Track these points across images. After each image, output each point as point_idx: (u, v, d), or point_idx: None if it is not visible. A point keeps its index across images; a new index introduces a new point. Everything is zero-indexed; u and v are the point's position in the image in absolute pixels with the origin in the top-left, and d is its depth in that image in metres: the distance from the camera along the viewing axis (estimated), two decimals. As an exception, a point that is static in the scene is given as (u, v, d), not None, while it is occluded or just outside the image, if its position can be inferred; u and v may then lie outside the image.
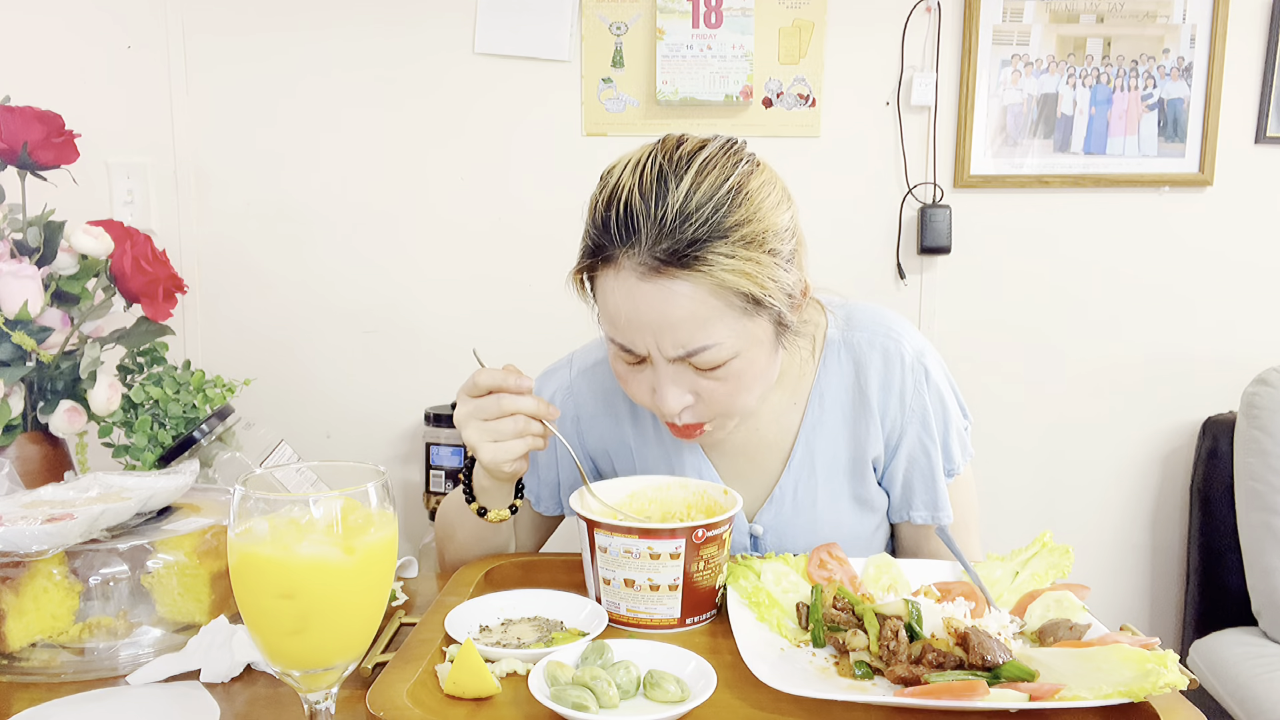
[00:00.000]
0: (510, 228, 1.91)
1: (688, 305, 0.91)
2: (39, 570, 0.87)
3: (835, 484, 1.11)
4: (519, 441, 0.98)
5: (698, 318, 0.91)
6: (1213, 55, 1.84)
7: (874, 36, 1.86)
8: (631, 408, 1.15)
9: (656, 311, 0.91)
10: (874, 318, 1.11)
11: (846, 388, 1.10)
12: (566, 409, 1.16)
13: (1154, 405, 1.97)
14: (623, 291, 0.93)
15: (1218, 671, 1.69)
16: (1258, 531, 1.74)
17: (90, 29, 1.83)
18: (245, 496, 0.64)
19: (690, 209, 0.90)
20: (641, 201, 0.91)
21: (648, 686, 0.78)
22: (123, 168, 1.86)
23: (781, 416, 1.11)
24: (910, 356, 1.09)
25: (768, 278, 0.93)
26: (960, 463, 1.13)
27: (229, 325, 1.93)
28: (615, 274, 0.93)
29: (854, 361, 1.09)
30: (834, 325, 1.11)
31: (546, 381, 1.19)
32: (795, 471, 1.11)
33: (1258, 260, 1.92)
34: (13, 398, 1.20)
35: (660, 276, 0.90)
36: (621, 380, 1.02)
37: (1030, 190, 1.90)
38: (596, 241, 0.95)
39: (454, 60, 1.86)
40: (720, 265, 0.90)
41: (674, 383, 0.96)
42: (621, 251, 0.92)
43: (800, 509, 1.11)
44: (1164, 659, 0.73)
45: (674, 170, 0.92)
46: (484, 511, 1.06)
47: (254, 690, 0.85)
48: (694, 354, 0.93)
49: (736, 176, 0.93)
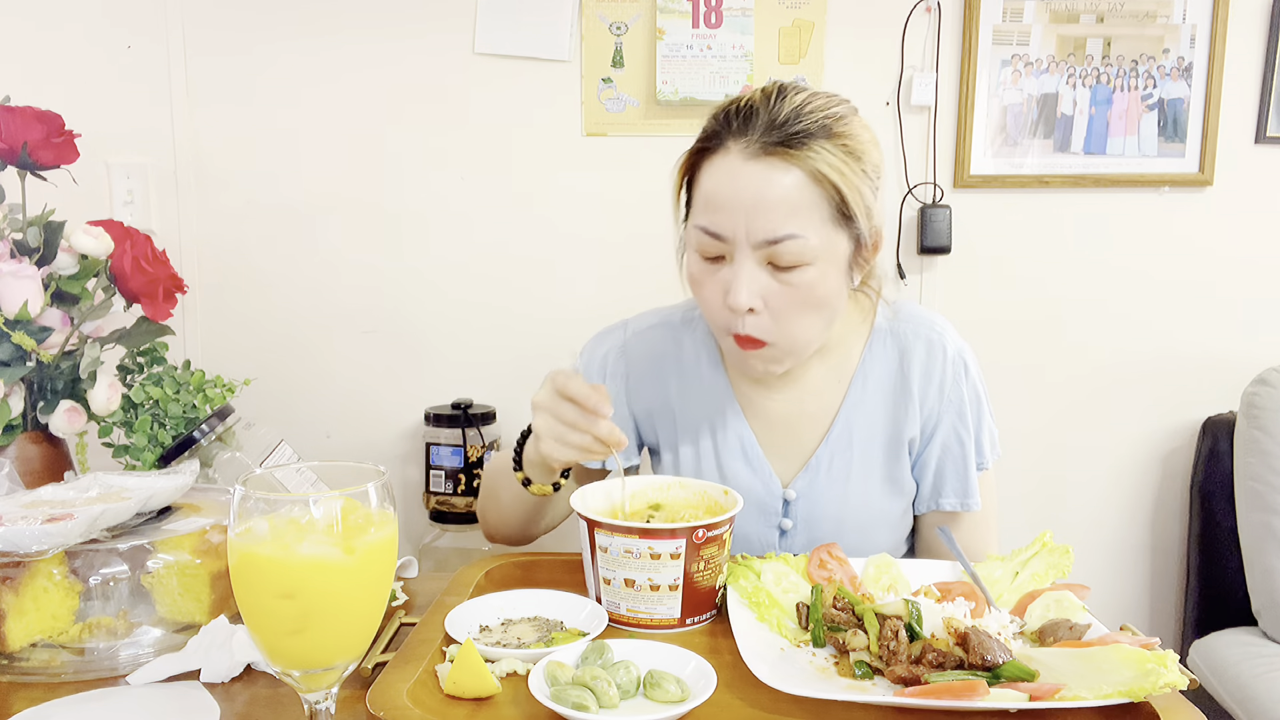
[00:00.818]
0: (510, 228, 1.91)
1: (784, 190, 0.98)
2: (39, 570, 0.87)
3: (870, 462, 1.16)
4: (576, 452, 1.01)
5: (790, 203, 0.99)
6: (1213, 55, 1.84)
7: (874, 36, 1.86)
8: (679, 372, 1.21)
9: (755, 191, 0.99)
10: (921, 313, 1.19)
11: (889, 373, 1.16)
12: (618, 368, 1.22)
13: (1154, 405, 1.97)
14: (727, 172, 1.01)
15: (1218, 671, 1.69)
16: (1258, 531, 1.74)
17: (90, 29, 1.83)
18: (245, 496, 0.64)
19: (803, 111, 1.00)
20: (762, 99, 1.02)
21: (648, 686, 0.78)
22: (123, 168, 1.86)
23: (825, 392, 1.17)
24: (953, 350, 1.16)
25: (858, 188, 1.01)
26: (989, 458, 1.18)
27: (229, 325, 1.93)
28: (723, 158, 1.01)
29: (899, 349, 1.16)
30: (882, 314, 1.18)
31: (600, 342, 1.25)
32: (833, 444, 1.16)
33: (1258, 260, 1.92)
34: (13, 398, 1.20)
35: (766, 158, 0.99)
36: (695, 286, 1.08)
37: (1030, 190, 1.90)
38: (710, 131, 1.04)
39: (454, 60, 1.86)
40: (821, 157, 0.99)
41: (750, 277, 1.01)
42: (733, 139, 1.01)
43: (834, 480, 1.15)
44: (1164, 659, 0.73)
45: (792, 89, 1.03)
46: (528, 482, 1.10)
47: (254, 690, 0.85)
48: (779, 241, 0.99)
49: (844, 109, 1.04)
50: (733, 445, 1.18)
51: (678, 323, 1.24)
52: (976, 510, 1.16)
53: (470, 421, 1.80)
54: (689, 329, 1.23)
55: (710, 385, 1.20)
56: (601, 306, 1.90)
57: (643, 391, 1.22)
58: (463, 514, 1.83)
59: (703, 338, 1.22)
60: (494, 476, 1.20)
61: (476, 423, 1.81)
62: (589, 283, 1.92)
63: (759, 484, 1.17)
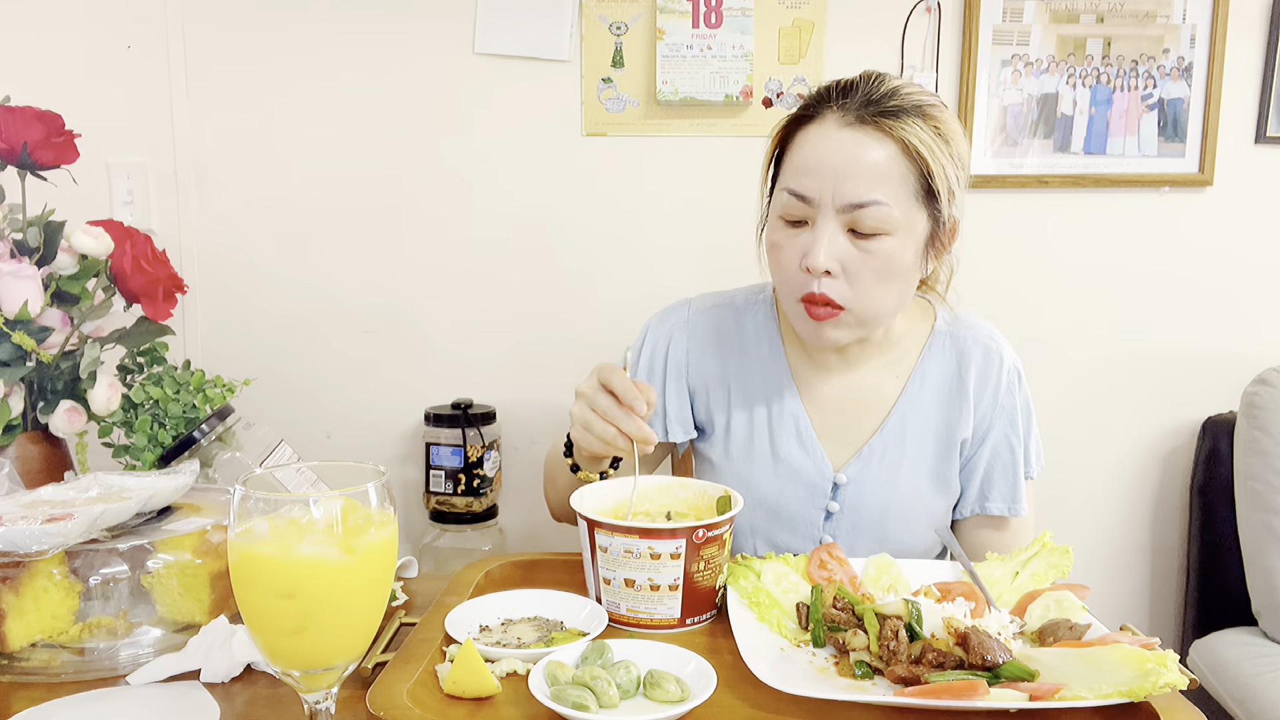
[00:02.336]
0: (510, 227, 1.91)
1: (874, 158, 1.03)
2: (39, 570, 0.87)
3: (921, 457, 1.19)
4: (600, 444, 1.02)
5: (879, 171, 1.03)
6: (1213, 55, 1.84)
7: (874, 36, 1.86)
8: (740, 349, 1.24)
9: (846, 155, 1.03)
10: (982, 322, 1.25)
11: (947, 375, 1.20)
12: (679, 341, 1.26)
13: (1154, 405, 1.97)
14: (820, 137, 1.05)
15: (1218, 671, 1.69)
16: (1258, 531, 1.74)
17: (90, 29, 1.83)
18: (245, 496, 0.64)
19: (900, 92, 1.06)
20: (862, 78, 1.08)
21: (648, 686, 0.78)
22: (123, 168, 1.86)
23: (882, 385, 1.21)
24: (1009, 360, 1.22)
25: (945, 169, 1.05)
26: (1035, 468, 1.23)
27: (229, 325, 1.93)
28: (818, 126, 1.06)
29: (957, 353, 1.21)
30: (943, 318, 1.23)
31: (666, 318, 1.28)
32: (886, 435, 1.19)
33: (1258, 260, 1.92)
34: (13, 398, 1.20)
35: (860, 127, 1.04)
36: (774, 251, 1.11)
37: (1030, 190, 1.90)
38: (809, 102, 1.09)
39: (454, 60, 1.86)
40: (913, 132, 1.03)
41: (831, 240, 1.04)
42: (829, 110, 1.06)
43: (885, 470, 1.19)
44: (1164, 659, 0.73)
45: (890, 76, 1.09)
46: (576, 469, 1.13)
47: (254, 690, 0.85)
48: (864, 206, 1.03)
49: (938, 100, 1.09)
50: (787, 424, 1.21)
51: (740, 304, 1.27)
52: (1023, 517, 1.21)
53: (470, 421, 1.80)
54: (751, 310, 1.26)
55: (769, 364, 1.23)
56: (602, 306, 1.91)
57: (701, 365, 1.25)
58: (463, 514, 1.83)
59: (764, 320, 1.25)
60: (551, 462, 1.24)
61: (476, 423, 1.81)
62: (589, 282, 1.92)
63: (811, 465, 1.20)
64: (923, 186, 1.05)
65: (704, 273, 1.27)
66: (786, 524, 1.21)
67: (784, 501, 1.20)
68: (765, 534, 1.23)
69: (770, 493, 1.19)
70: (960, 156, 1.08)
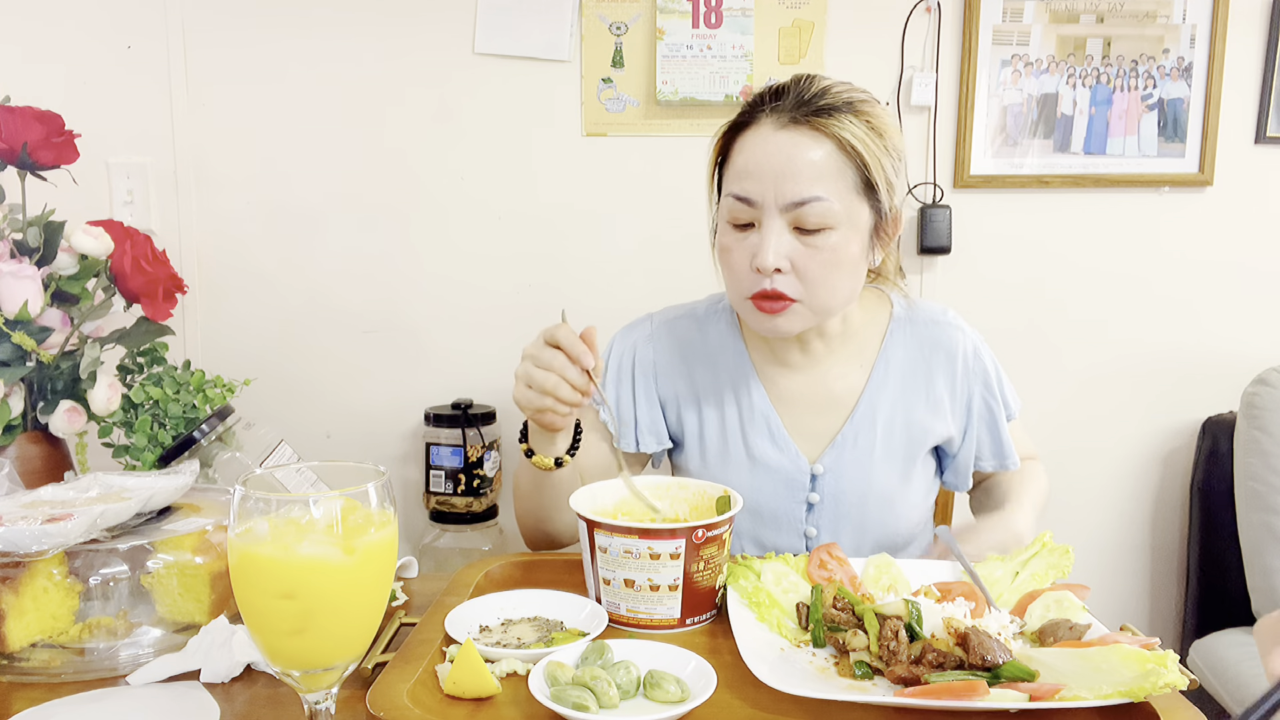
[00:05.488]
0: (510, 227, 1.91)
1: (812, 157, 1.06)
2: (39, 570, 0.87)
3: (893, 442, 1.22)
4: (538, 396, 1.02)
5: (817, 169, 1.06)
6: (1213, 55, 1.84)
7: (874, 36, 1.86)
8: (705, 357, 1.27)
9: (784, 156, 1.06)
10: (937, 306, 1.28)
11: (911, 361, 1.23)
12: (645, 354, 1.28)
13: (1154, 405, 1.97)
14: (758, 141, 1.09)
15: (1218, 671, 1.69)
16: (1258, 531, 1.74)
17: (90, 29, 1.83)
18: (245, 496, 0.64)
19: (830, 91, 1.09)
20: (792, 82, 1.11)
21: (648, 686, 0.78)
22: (123, 168, 1.86)
23: (848, 376, 1.23)
24: (968, 331, 1.26)
25: (881, 161, 1.08)
26: (1015, 407, 1.28)
27: (229, 325, 1.93)
28: (755, 131, 1.10)
29: (917, 337, 1.24)
30: (899, 306, 1.26)
31: (629, 333, 1.30)
32: (857, 423, 1.22)
33: (1258, 260, 1.92)
34: (13, 398, 1.20)
35: (795, 128, 1.07)
36: (725, 254, 1.14)
37: (1030, 190, 1.90)
38: (745, 109, 1.12)
39: (454, 60, 1.86)
40: (847, 129, 1.06)
41: (777, 239, 1.07)
42: (764, 114, 1.09)
43: (860, 456, 1.21)
44: (1164, 659, 0.73)
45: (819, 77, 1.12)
46: (530, 453, 1.12)
47: (254, 690, 0.85)
48: (806, 203, 1.06)
49: (868, 95, 1.13)
50: (759, 424, 1.22)
51: (702, 314, 1.30)
52: (1014, 469, 1.26)
53: (470, 421, 1.80)
54: (713, 318, 1.29)
55: (735, 368, 1.25)
56: (601, 305, 1.90)
57: (668, 376, 1.27)
58: (463, 514, 1.83)
59: (726, 326, 1.27)
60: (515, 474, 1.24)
61: (476, 423, 1.81)
62: (589, 282, 1.92)
63: (786, 460, 1.21)
64: (862, 180, 1.08)
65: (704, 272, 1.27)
66: (770, 522, 1.22)
67: (764, 500, 1.21)
68: (751, 535, 1.24)
69: (749, 493, 1.20)
70: (895, 148, 1.11)
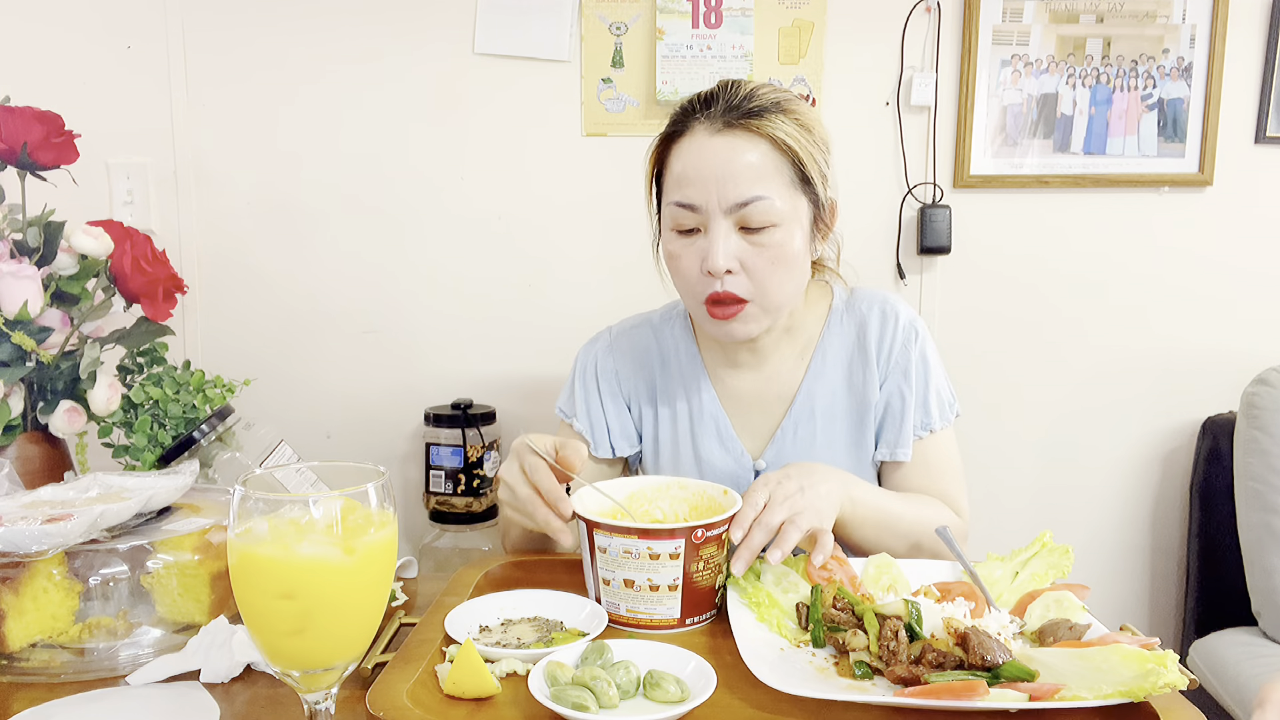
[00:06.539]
0: (510, 227, 1.91)
1: (748, 158, 1.09)
2: (39, 570, 0.87)
3: (833, 429, 1.24)
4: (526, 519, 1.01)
5: (755, 169, 1.08)
6: (1213, 55, 1.84)
7: (874, 36, 1.86)
8: (661, 363, 1.30)
9: (722, 160, 1.09)
10: (877, 290, 1.29)
11: (847, 346, 1.25)
12: (606, 364, 1.31)
13: (1154, 405, 1.97)
14: (694, 149, 1.11)
15: (1218, 671, 1.69)
16: (1258, 531, 1.74)
17: (90, 29, 1.83)
18: (245, 496, 0.64)
19: (756, 93, 1.12)
20: (719, 88, 1.14)
21: (648, 686, 0.78)
22: (123, 168, 1.86)
23: (788, 371, 1.25)
24: (905, 319, 1.25)
25: (814, 157, 1.12)
26: (937, 421, 1.24)
27: (229, 325, 1.93)
28: (689, 139, 1.12)
29: (855, 323, 1.25)
30: (839, 297, 1.28)
31: (590, 347, 1.34)
32: (796, 414, 1.24)
33: (1257, 260, 1.92)
34: (13, 398, 1.20)
35: (729, 132, 1.09)
36: (673, 261, 1.16)
37: (1030, 190, 1.90)
38: (674, 119, 1.15)
39: (454, 60, 1.86)
40: (779, 128, 1.09)
41: (725, 240, 1.10)
42: (696, 121, 1.12)
43: (799, 446, 1.23)
44: (1164, 659, 0.73)
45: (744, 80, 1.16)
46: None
47: (254, 690, 0.85)
48: (749, 203, 1.08)
49: (791, 93, 1.15)
50: (707, 425, 1.26)
51: (657, 321, 1.33)
52: (904, 461, 1.22)
53: (470, 422, 1.80)
54: (668, 325, 1.32)
55: (688, 372, 1.28)
56: (601, 306, 1.90)
57: (629, 382, 1.31)
58: (463, 514, 1.83)
59: (680, 331, 1.31)
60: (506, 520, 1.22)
61: (476, 423, 1.81)
62: (589, 282, 1.92)
63: (731, 460, 1.25)
64: (798, 175, 1.11)
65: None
66: None
67: None
68: None
69: None
70: (822, 141, 1.14)
